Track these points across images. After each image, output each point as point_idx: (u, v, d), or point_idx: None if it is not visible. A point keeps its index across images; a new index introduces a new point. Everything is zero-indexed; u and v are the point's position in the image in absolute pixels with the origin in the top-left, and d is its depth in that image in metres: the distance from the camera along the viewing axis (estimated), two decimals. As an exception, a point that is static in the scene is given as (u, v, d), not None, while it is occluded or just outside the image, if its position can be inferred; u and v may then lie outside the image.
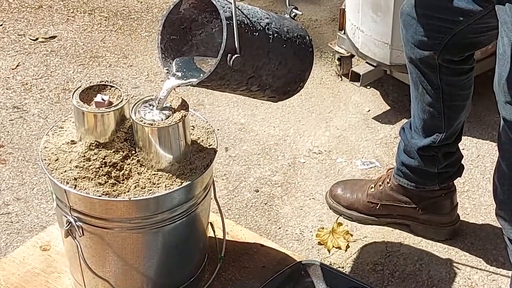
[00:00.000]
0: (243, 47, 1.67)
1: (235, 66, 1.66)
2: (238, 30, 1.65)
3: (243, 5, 1.74)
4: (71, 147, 1.87)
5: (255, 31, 1.71)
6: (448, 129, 2.13)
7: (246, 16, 1.71)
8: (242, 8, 1.72)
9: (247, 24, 1.70)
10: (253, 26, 1.71)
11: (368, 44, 2.78)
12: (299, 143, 2.71)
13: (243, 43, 1.67)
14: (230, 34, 1.64)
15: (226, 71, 1.68)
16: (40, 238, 2.21)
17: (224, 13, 1.64)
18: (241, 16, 1.69)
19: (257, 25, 1.72)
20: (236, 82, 1.75)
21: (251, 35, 1.71)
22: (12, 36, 3.21)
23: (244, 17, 1.70)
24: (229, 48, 1.65)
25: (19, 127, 2.75)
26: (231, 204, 2.46)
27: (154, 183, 1.82)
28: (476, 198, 2.49)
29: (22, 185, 2.51)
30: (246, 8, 1.74)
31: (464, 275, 2.24)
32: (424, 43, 2.00)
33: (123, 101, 1.87)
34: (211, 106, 2.87)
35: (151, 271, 1.95)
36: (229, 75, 1.71)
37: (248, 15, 1.72)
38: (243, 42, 1.67)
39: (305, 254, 2.28)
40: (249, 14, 1.73)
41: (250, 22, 1.71)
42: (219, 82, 1.73)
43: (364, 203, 2.35)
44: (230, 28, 1.64)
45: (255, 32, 1.71)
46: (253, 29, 1.71)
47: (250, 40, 1.70)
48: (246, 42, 1.68)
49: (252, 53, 1.71)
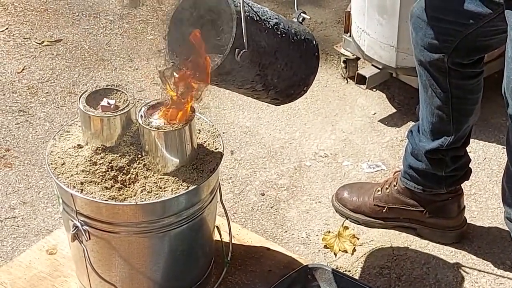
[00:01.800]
0: (251, 43, 1.67)
1: (242, 60, 1.66)
2: (247, 25, 1.65)
3: (253, 4, 1.75)
4: (78, 151, 1.87)
5: (264, 29, 1.72)
6: (457, 132, 2.12)
7: (256, 13, 1.72)
8: (252, 5, 1.73)
9: (257, 20, 1.71)
10: (262, 23, 1.72)
11: (374, 47, 2.77)
12: (305, 146, 2.71)
13: (252, 39, 1.68)
14: (239, 28, 1.65)
15: (233, 66, 1.69)
16: (47, 242, 2.21)
17: (234, 7, 1.65)
18: (250, 12, 1.70)
19: (266, 23, 1.74)
20: (241, 79, 1.75)
21: (260, 32, 1.71)
22: (17, 39, 3.21)
23: (254, 14, 1.71)
24: (238, 42, 1.65)
25: (25, 131, 2.74)
26: (237, 208, 2.45)
27: (161, 187, 1.81)
28: (483, 201, 2.48)
29: (28, 189, 2.50)
30: (255, 6, 1.75)
31: (471, 279, 2.23)
32: (434, 45, 1.99)
33: (129, 105, 1.87)
34: (217, 109, 2.86)
35: (157, 275, 1.95)
36: (236, 71, 1.71)
37: (258, 12, 1.73)
38: (251, 37, 1.67)
39: (312, 258, 2.27)
40: (259, 12, 1.74)
41: (260, 19, 1.72)
42: (225, 77, 1.73)
43: (371, 206, 2.35)
44: (239, 23, 1.65)
45: (264, 29, 1.72)
46: (262, 26, 1.72)
47: (258, 37, 1.71)
48: (254, 38, 1.69)
49: (259, 50, 1.72)
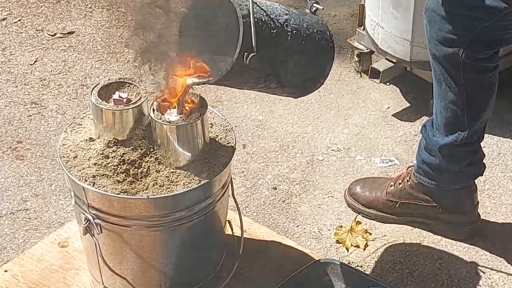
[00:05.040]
0: (260, 45, 1.64)
1: (252, 65, 1.63)
2: (256, 28, 1.62)
3: (262, 1, 1.72)
4: (90, 145, 1.87)
5: (273, 28, 1.69)
6: (471, 127, 2.10)
7: (265, 12, 1.68)
8: (260, 4, 1.70)
9: (265, 21, 1.67)
10: (271, 23, 1.68)
11: (388, 41, 2.75)
12: (318, 140, 2.69)
13: (261, 41, 1.64)
14: (246, 32, 1.62)
15: (243, 70, 1.66)
16: (58, 234, 2.21)
17: (240, 11, 1.61)
18: (259, 13, 1.66)
19: (275, 21, 1.70)
20: (253, 80, 1.73)
21: (269, 33, 1.68)
22: (30, 31, 3.21)
23: (262, 14, 1.67)
24: (246, 46, 1.62)
25: (37, 123, 2.75)
26: (248, 202, 2.44)
27: (173, 181, 1.81)
28: (497, 197, 2.46)
29: (40, 181, 2.51)
30: (264, 5, 1.71)
31: (484, 275, 2.21)
32: (449, 40, 1.97)
33: (142, 98, 1.86)
34: (229, 103, 2.85)
35: (168, 269, 1.94)
36: (246, 73, 1.69)
37: (267, 11, 1.69)
38: (260, 40, 1.64)
39: (323, 253, 2.26)
40: (268, 10, 1.70)
41: (269, 18, 1.68)
42: (237, 80, 1.71)
43: (384, 201, 2.33)
44: (246, 26, 1.61)
45: (273, 29, 1.69)
46: (271, 26, 1.68)
47: (268, 38, 1.68)
48: (263, 40, 1.66)
49: (269, 51, 1.69)
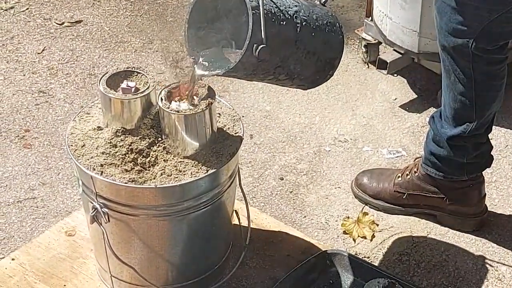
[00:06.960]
0: (269, 38, 1.64)
1: (261, 57, 1.63)
2: (265, 20, 1.62)
3: None
4: (98, 133, 1.87)
5: (282, 20, 1.68)
6: (479, 119, 2.09)
7: (274, 4, 1.68)
8: None
9: (274, 13, 1.67)
10: (281, 14, 1.68)
11: (396, 32, 2.74)
12: (325, 131, 2.69)
13: (270, 34, 1.64)
14: (256, 24, 1.61)
15: (252, 62, 1.66)
16: (66, 223, 2.22)
17: (250, 2, 1.62)
18: (268, 5, 1.66)
19: (285, 13, 1.69)
20: (263, 72, 1.73)
21: (278, 25, 1.68)
22: (38, 20, 3.21)
23: (272, 6, 1.67)
24: (255, 38, 1.62)
25: (44, 112, 2.75)
26: (256, 192, 2.44)
27: (180, 170, 1.81)
28: (504, 189, 2.46)
29: (47, 170, 2.51)
30: None
31: (491, 267, 2.21)
32: (458, 31, 1.96)
33: (150, 87, 1.86)
34: (236, 93, 2.85)
35: (175, 258, 1.95)
36: (256, 65, 1.68)
37: (276, 3, 1.69)
38: (269, 32, 1.64)
39: (330, 244, 2.26)
40: (277, 2, 1.70)
41: (279, 10, 1.68)
42: (246, 72, 1.71)
43: (391, 192, 2.33)
44: (256, 18, 1.61)
45: (283, 21, 1.68)
46: (280, 18, 1.68)
47: (277, 30, 1.68)
48: (273, 32, 1.66)
49: (279, 43, 1.69)
